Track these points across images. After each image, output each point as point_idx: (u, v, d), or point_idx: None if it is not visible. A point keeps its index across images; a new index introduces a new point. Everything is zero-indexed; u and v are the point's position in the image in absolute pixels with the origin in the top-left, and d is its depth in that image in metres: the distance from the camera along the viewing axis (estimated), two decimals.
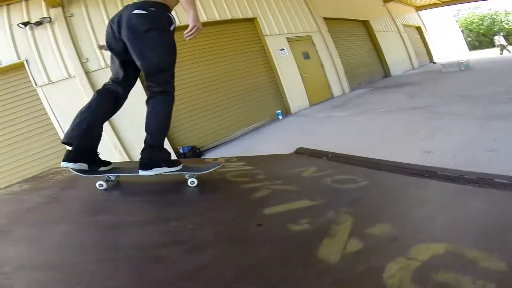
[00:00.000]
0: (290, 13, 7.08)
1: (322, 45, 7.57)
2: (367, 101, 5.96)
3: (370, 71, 9.76)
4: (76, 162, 1.27)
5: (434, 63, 13.51)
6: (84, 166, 1.29)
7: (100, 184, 1.34)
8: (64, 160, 1.27)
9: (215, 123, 5.43)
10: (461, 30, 26.08)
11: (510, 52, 14.33)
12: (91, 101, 1.38)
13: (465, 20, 28.14)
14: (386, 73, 10.30)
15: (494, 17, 27.22)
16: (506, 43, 14.89)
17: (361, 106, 5.41)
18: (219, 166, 1.51)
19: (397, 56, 10.85)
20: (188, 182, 1.32)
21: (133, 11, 1.25)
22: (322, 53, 7.53)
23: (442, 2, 13.62)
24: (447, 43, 15.81)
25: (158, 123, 1.36)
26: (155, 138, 1.35)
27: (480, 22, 27.62)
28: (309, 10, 7.61)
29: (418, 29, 14.59)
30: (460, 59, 7.43)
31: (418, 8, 15.05)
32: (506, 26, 25.57)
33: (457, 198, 1.05)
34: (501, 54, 14.44)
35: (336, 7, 8.66)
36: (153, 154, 1.33)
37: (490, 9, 28.61)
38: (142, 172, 1.31)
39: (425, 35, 14.77)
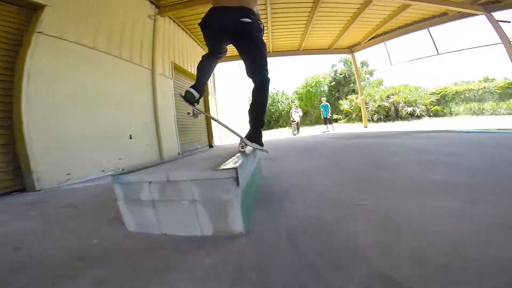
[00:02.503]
0: None
1: None
2: None
3: None
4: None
5: (211, 146, 8.81)
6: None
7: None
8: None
9: None
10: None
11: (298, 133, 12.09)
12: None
13: None
14: (26, 182, 2.63)
15: (274, 96, 27.93)
16: (299, 120, 12.41)
17: None
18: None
19: (114, 125, 3.95)
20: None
21: None
22: None
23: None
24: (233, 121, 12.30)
25: None
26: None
27: None
28: None
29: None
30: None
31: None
32: (280, 108, 26.68)
33: None
34: (295, 134, 11.75)
35: None
36: None
37: (274, 88, 30.79)
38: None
39: (212, 98, 9.95)
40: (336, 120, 19.35)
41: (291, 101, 26.81)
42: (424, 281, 0.65)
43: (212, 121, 9.57)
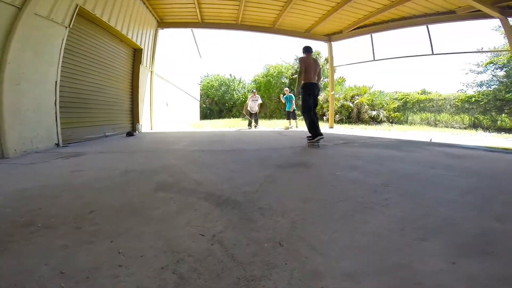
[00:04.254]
0: None
1: None
2: None
3: None
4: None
5: (131, 134, 5.91)
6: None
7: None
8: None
9: None
10: (201, 95, 21.75)
11: (256, 126, 9.81)
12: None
13: (208, 83, 25.20)
14: None
15: (230, 83, 25.72)
16: (257, 110, 10.08)
17: None
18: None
19: None
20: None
21: None
22: None
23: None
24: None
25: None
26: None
27: (219, 87, 25.34)
28: None
29: (137, 52, 6.74)
30: None
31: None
32: (235, 96, 24.26)
33: None
34: (251, 127, 9.64)
35: None
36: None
37: (230, 74, 27.02)
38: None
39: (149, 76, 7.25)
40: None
41: (248, 90, 24.31)
42: None
43: (145, 100, 6.85)
